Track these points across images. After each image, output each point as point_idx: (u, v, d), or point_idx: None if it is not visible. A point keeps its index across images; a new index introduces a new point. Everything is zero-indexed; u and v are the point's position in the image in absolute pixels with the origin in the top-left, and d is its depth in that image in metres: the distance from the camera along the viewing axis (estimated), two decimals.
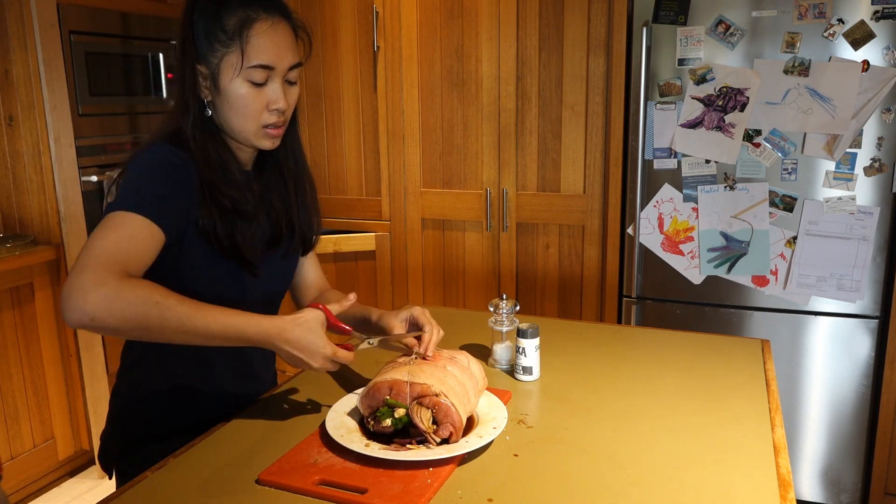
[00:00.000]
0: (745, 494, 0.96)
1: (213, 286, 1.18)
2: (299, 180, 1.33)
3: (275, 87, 1.16)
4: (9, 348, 2.46)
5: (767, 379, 1.35)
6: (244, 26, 1.12)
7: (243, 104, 1.15)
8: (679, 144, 2.36)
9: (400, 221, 2.90)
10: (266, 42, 1.13)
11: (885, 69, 2.12)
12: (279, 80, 1.16)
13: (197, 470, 1.06)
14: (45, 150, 2.58)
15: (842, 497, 2.42)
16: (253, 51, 1.12)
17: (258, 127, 1.17)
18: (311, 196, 1.36)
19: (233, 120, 1.17)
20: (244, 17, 1.12)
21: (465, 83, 2.70)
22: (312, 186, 1.37)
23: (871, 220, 2.22)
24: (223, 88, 1.14)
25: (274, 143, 1.21)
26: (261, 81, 1.14)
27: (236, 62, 1.12)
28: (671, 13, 2.30)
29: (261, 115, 1.16)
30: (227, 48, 1.12)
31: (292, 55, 1.17)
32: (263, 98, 1.15)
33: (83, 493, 2.65)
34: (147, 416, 1.28)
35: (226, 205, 1.15)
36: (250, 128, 1.17)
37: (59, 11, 2.55)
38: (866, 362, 2.31)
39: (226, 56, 1.12)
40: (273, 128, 1.18)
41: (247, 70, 1.12)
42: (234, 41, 1.12)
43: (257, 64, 1.12)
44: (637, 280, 2.50)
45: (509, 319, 1.41)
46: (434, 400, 1.07)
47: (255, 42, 1.12)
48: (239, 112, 1.15)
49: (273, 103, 1.16)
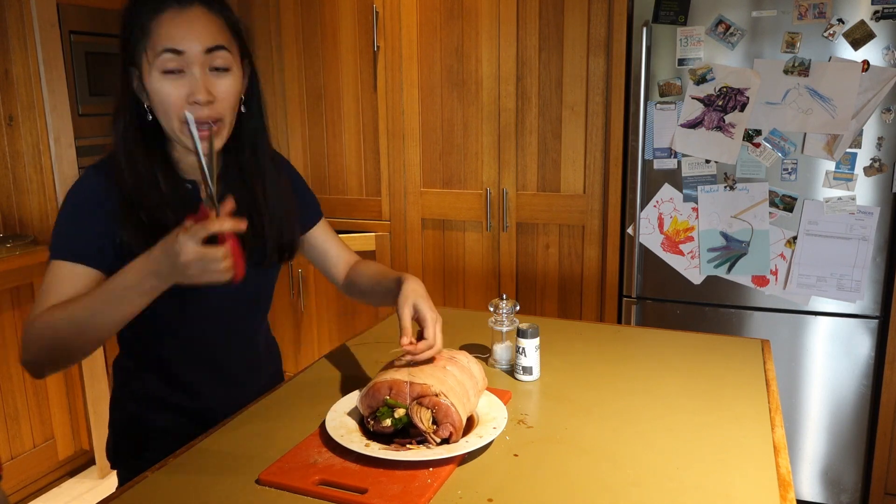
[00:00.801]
0: (745, 494, 0.96)
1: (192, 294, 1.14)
2: (272, 186, 1.23)
3: (192, 76, 1.06)
4: (9, 348, 2.46)
5: (767, 379, 1.35)
6: (152, 17, 1.06)
7: (162, 98, 1.07)
8: (679, 144, 2.36)
9: (400, 221, 2.90)
10: (171, 27, 1.06)
11: (885, 69, 2.12)
12: (197, 66, 1.06)
13: (197, 470, 1.05)
14: (45, 150, 2.58)
15: (842, 497, 2.42)
16: (158, 38, 1.05)
17: (181, 123, 1.08)
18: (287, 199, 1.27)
19: (161, 119, 1.10)
20: (154, 8, 1.06)
21: (465, 83, 2.70)
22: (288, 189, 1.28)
23: (871, 220, 2.22)
24: (147, 87, 1.08)
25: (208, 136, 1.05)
26: (173, 68, 1.06)
27: (151, 56, 1.06)
28: (671, 13, 2.30)
29: (181, 110, 1.06)
30: (141, 42, 1.07)
31: (208, 37, 1.07)
32: (181, 89, 1.06)
33: (83, 493, 2.65)
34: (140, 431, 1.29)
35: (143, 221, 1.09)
36: (174, 125, 1.09)
37: (59, 11, 2.55)
38: (866, 362, 2.31)
39: (143, 52, 1.07)
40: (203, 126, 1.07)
41: (158, 60, 1.05)
42: (145, 34, 1.06)
43: (164, 48, 1.05)
44: (637, 280, 2.50)
45: (509, 319, 1.41)
46: (434, 400, 1.07)
47: (159, 30, 1.05)
48: (161, 109, 1.08)
49: (192, 95, 1.06)
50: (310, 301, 3.10)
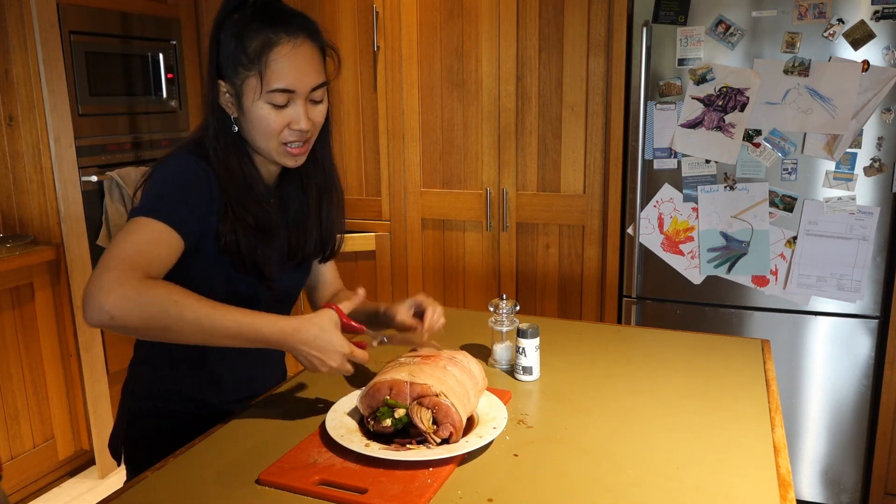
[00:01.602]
0: (745, 494, 0.96)
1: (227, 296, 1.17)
2: (327, 194, 1.33)
3: (296, 109, 1.15)
4: (9, 348, 2.46)
5: (767, 379, 1.35)
6: (264, 50, 1.11)
7: (265, 125, 1.15)
8: (679, 144, 2.36)
9: (400, 221, 2.90)
10: (286, 66, 1.12)
11: (885, 69, 2.12)
12: (301, 101, 1.16)
13: (197, 470, 1.05)
14: (45, 150, 2.57)
15: (842, 497, 2.42)
16: (273, 75, 1.12)
17: (279, 145, 1.17)
18: (338, 209, 1.36)
19: (256, 138, 1.17)
20: (265, 41, 1.11)
21: (465, 83, 2.70)
22: (341, 199, 1.37)
23: (871, 220, 2.22)
24: (245, 109, 1.15)
25: (297, 162, 1.21)
26: (282, 104, 1.14)
27: (256, 85, 1.12)
28: (671, 13, 2.30)
29: (281, 134, 1.16)
30: (248, 71, 1.12)
31: (315, 76, 1.16)
32: (285, 118, 1.15)
33: (83, 493, 2.65)
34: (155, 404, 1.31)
35: (249, 221, 1.17)
36: (272, 146, 1.17)
37: (59, 11, 2.55)
38: (866, 362, 2.31)
39: (247, 79, 1.13)
40: (295, 146, 1.18)
41: (267, 94, 1.12)
42: (255, 65, 1.11)
43: (277, 88, 1.12)
44: (637, 280, 2.50)
45: (509, 319, 1.41)
46: (434, 400, 1.07)
47: (274, 67, 1.11)
48: (261, 131, 1.16)
49: (295, 124, 1.16)
50: None
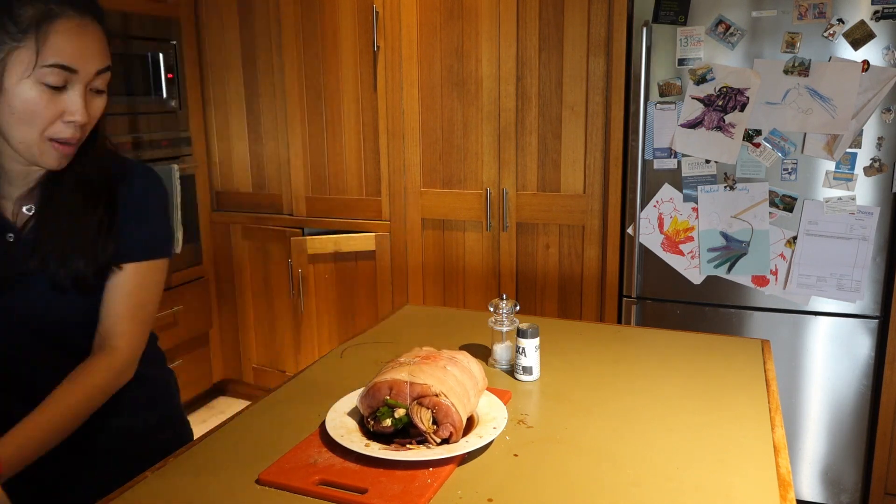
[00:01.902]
0: (745, 494, 0.96)
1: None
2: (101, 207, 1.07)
3: (73, 96, 0.98)
4: None
5: (767, 379, 1.35)
6: (43, 19, 0.94)
7: (30, 110, 0.96)
8: (679, 144, 2.36)
9: (400, 221, 2.90)
10: (68, 40, 0.96)
11: (885, 69, 2.12)
12: (81, 86, 0.98)
13: (197, 470, 1.06)
14: None
15: (842, 497, 2.42)
16: (51, 49, 0.95)
17: (43, 140, 0.98)
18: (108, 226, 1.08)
19: (13, 127, 0.97)
20: (45, 10, 0.95)
21: (465, 83, 2.70)
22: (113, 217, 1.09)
23: (871, 220, 2.22)
24: (6, 89, 0.95)
25: (61, 164, 1.01)
26: (56, 84, 0.96)
27: (28, 59, 0.94)
28: (671, 13, 2.30)
29: (51, 126, 0.98)
30: (16, 42, 0.94)
31: (101, 59, 1.00)
32: (58, 106, 0.97)
33: None
34: None
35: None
36: (33, 138, 0.98)
37: None
38: (866, 362, 2.31)
39: (15, 51, 0.94)
40: (64, 144, 0.99)
41: (41, 69, 0.95)
42: (28, 35, 0.94)
43: (55, 63, 0.95)
44: (637, 280, 2.50)
45: (509, 319, 1.41)
46: (434, 400, 1.07)
47: (54, 39, 0.95)
48: (23, 118, 0.96)
49: (70, 114, 0.98)
50: (310, 301, 3.10)
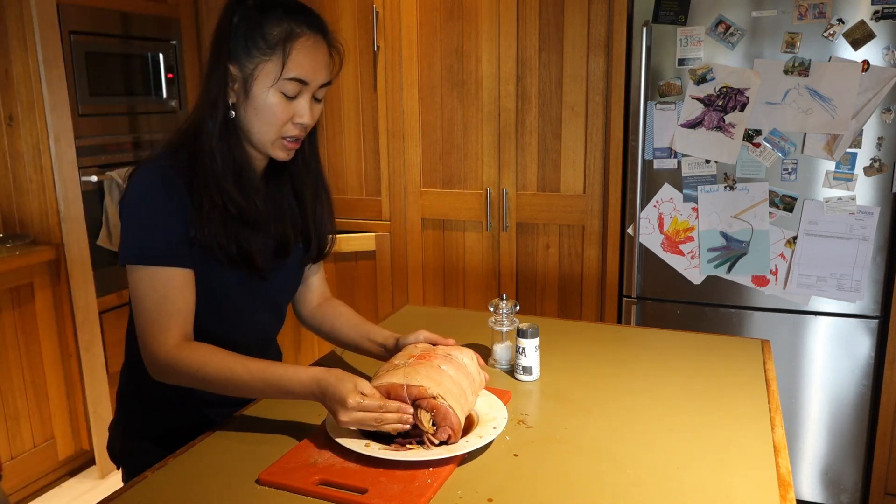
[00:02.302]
0: (745, 494, 0.96)
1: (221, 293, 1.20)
2: (316, 192, 1.33)
3: (303, 102, 1.17)
4: (9, 348, 2.46)
5: (767, 379, 1.35)
6: (288, 39, 1.13)
7: (271, 113, 1.15)
8: (679, 144, 2.36)
9: (400, 221, 2.90)
10: (306, 58, 1.14)
11: (885, 69, 2.12)
12: (308, 95, 1.17)
13: (197, 470, 1.06)
14: (45, 150, 2.58)
15: (842, 497, 2.42)
16: (292, 63, 1.13)
17: (278, 137, 1.18)
18: (327, 207, 1.36)
19: (255, 126, 1.17)
20: (289, 30, 1.13)
21: (465, 83, 2.70)
22: (328, 198, 1.37)
23: (871, 220, 2.22)
24: (254, 95, 1.14)
25: (288, 156, 1.22)
26: (292, 95, 1.15)
27: (274, 72, 1.13)
28: (671, 13, 2.30)
29: (284, 126, 1.17)
30: (265, 56, 1.13)
31: (326, 73, 1.18)
32: (290, 110, 1.16)
33: (83, 493, 2.65)
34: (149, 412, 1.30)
35: (231, 211, 1.16)
36: (270, 137, 1.18)
37: (59, 11, 2.55)
38: (866, 362, 2.31)
39: (263, 64, 1.13)
40: (291, 140, 1.19)
41: (282, 81, 1.13)
42: (276, 51, 1.12)
43: (293, 77, 1.14)
44: (637, 280, 2.50)
45: (509, 319, 1.41)
46: (432, 402, 1.06)
47: (295, 56, 1.13)
48: (264, 120, 1.16)
49: (298, 117, 1.17)
50: None
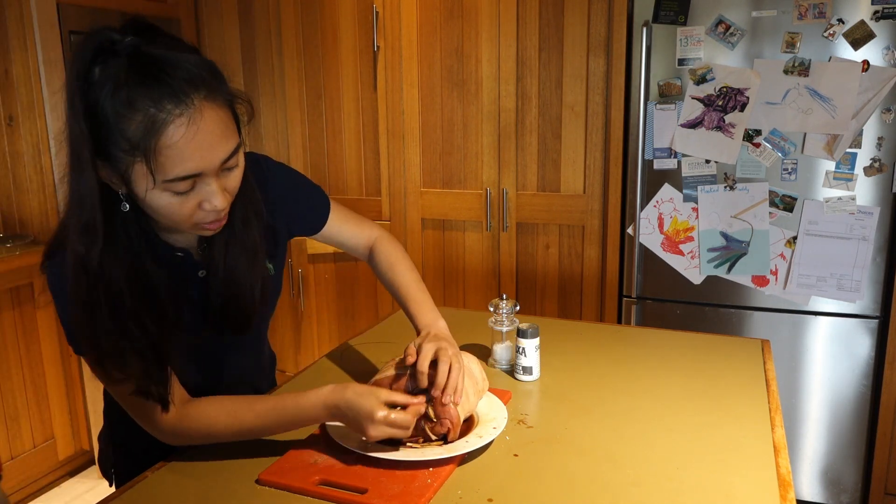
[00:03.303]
0: (745, 494, 0.96)
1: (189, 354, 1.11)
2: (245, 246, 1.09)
3: (207, 188, 0.92)
4: (9, 348, 2.46)
5: (767, 379, 1.35)
6: (149, 135, 0.84)
7: (170, 211, 0.92)
8: (679, 144, 2.36)
9: (400, 221, 2.90)
10: (184, 150, 0.86)
11: (885, 69, 2.12)
12: (212, 178, 0.92)
13: (197, 470, 1.06)
14: (45, 150, 2.58)
15: (842, 497, 2.42)
16: (167, 163, 0.86)
17: (191, 225, 0.96)
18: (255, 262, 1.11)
19: (161, 221, 0.96)
20: (148, 121, 0.84)
21: (465, 83, 2.70)
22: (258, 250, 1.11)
23: (871, 220, 2.22)
24: (140, 198, 0.90)
25: (215, 230, 0.99)
26: (185, 190, 0.90)
27: (147, 174, 0.87)
28: (671, 13, 2.30)
29: (193, 216, 0.94)
30: (132, 157, 0.86)
31: (225, 146, 0.91)
32: (194, 200, 0.92)
33: (83, 493, 2.65)
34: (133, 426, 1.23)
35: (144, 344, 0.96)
36: (183, 227, 0.96)
37: (59, 11, 2.55)
38: (866, 362, 2.31)
39: (134, 165, 0.87)
40: (211, 224, 0.97)
41: (164, 184, 0.88)
42: (139, 151, 0.85)
43: (177, 177, 0.88)
44: (637, 280, 2.50)
45: (509, 319, 1.41)
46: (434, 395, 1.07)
47: (168, 153, 0.85)
48: (166, 218, 0.94)
49: (208, 203, 0.93)
50: (310, 301, 3.10)
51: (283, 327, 3.17)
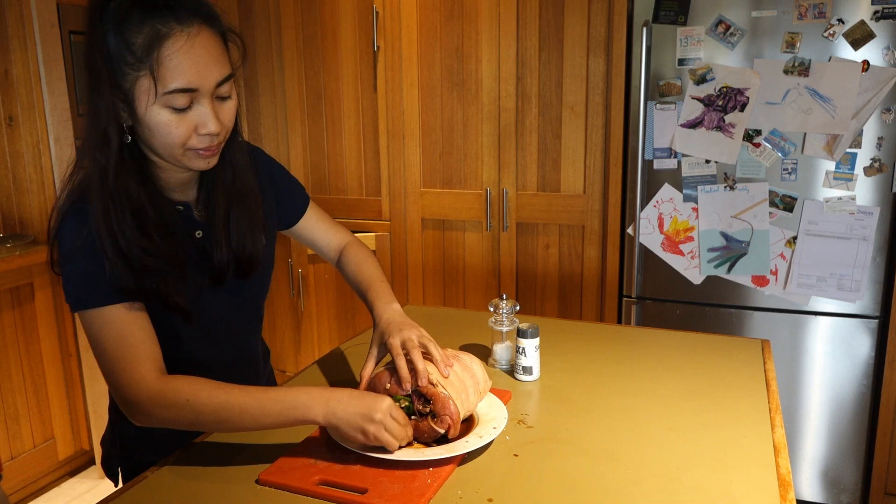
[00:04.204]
0: (745, 494, 0.96)
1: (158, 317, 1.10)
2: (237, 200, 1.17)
3: (202, 111, 1.00)
4: (9, 348, 2.46)
5: (767, 379, 1.35)
6: (153, 45, 0.94)
7: (165, 132, 0.99)
8: (679, 144, 2.36)
9: (400, 221, 2.90)
10: (183, 61, 0.95)
11: (885, 69, 2.12)
12: (207, 100, 1.00)
13: (197, 470, 1.06)
14: (45, 150, 2.58)
15: (842, 497, 2.42)
16: (168, 74, 0.95)
17: (183, 152, 1.02)
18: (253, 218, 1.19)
19: (156, 147, 1.02)
20: (153, 34, 0.94)
21: (465, 83, 2.70)
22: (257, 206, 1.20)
23: (871, 220, 2.22)
24: (139, 116, 0.98)
25: (209, 164, 1.06)
26: (184, 106, 0.98)
27: (150, 87, 0.95)
28: (671, 13, 2.30)
29: (188, 141, 1.01)
30: (137, 71, 0.95)
31: (219, 69, 1.00)
32: (189, 123, 1.00)
33: (83, 493, 2.65)
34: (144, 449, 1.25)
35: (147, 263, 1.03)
36: (176, 154, 1.02)
37: (59, 11, 2.55)
38: (866, 362, 2.31)
39: (137, 80, 0.96)
40: (205, 150, 1.04)
41: (164, 96, 0.96)
42: (144, 63, 0.94)
43: (175, 88, 0.96)
44: (637, 280, 2.50)
45: (509, 319, 1.41)
46: (431, 390, 1.07)
47: (168, 64, 0.95)
48: (161, 140, 1.00)
49: (202, 127, 1.01)
50: (310, 301, 3.10)
51: (283, 327, 3.17)
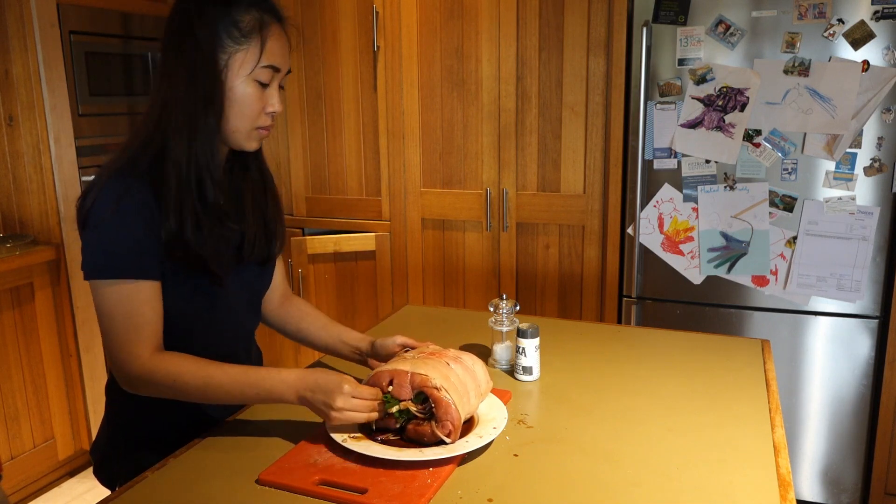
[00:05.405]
0: (745, 494, 0.96)
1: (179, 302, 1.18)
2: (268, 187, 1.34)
3: (273, 91, 1.19)
4: (9, 348, 2.46)
5: (767, 379, 1.35)
6: (262, 27, 1.15)
7: (248, 103, 1.16)
8: (679, 144, 2.36)
9: (400, 221, 2.90)
10: (277, 45, 1.17)
11: (885, 69, 2.12)
12: (276, 84, 1.20)
13: (197, 470, 1.06)
14: (45, 150, 2.58)
15: (842, 497, 2.42)
16: (268, 52, 1.16)
17: (252, 128, 1.19)
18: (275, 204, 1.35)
19: (231, 118, 1.17)
20: (260, 19, 1.15)
21: (465, 83, 2.70)
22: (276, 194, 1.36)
23: (871, 220, 2.22)
24: (229, 86, 1.15)
25: (258, 146, 1.24)
26: (266, 82, 1.17)
27: (250, 61, 1.14)
28: (671, 13, 2.30)
29: (258, 117, 1.18)
30: (240, 45, 1.14)
31: (289, 61, 1.22)
32: (263, 100, 1.18)
33: (83, 493, 2.65)
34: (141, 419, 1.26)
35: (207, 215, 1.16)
36: (246, 128, 1.19)
37: (59, 11, 2.55)
38: (866, 362, 2.31)
39: (237, 53, 1.14)
40: (265, 129, 1.21)
41: (258, 70, 1.15)
42: (251, 39, 1.14)
43: (269, 64, 1.16)
44: (637, 280, 2.50)
45: (509, 319, 1.41)
46: (434, 393, 1.07)
47: (270, 44, 1.16)
48: (240, 111, 1.16)
49: (270, 106, 1.19)
50: (310, 301, 3.10)
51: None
